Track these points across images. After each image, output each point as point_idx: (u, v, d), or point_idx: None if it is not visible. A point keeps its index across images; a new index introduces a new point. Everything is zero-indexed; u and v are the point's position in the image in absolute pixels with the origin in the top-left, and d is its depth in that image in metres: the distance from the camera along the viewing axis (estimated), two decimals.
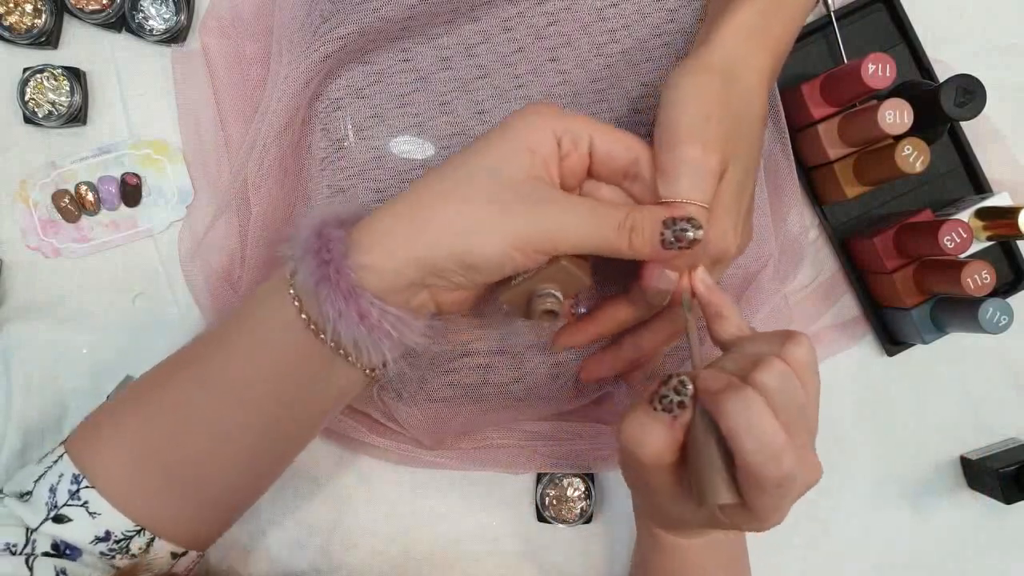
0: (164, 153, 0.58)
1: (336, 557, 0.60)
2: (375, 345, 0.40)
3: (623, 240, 0.39)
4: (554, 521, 0.60)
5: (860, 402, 0.63)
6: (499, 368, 0.54)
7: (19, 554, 0.42)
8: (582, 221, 0.39)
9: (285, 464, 0.49)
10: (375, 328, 0.40)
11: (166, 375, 0.45)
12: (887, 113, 0.51)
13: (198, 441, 0.43)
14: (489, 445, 0.58)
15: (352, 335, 0.40)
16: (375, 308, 0.39)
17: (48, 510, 0.43)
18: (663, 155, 0.41)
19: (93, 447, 0.44)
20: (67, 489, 0.43)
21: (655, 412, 0.37)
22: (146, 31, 0.57)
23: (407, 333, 0.41)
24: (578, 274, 0.41)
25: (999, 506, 0.61)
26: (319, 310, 0.40)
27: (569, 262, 0.41)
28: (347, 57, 0.52)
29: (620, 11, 0.53)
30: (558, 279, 0.41)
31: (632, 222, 0.39)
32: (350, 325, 0.39)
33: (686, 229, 0.39)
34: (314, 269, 0.39)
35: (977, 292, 0.53)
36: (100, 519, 0.43)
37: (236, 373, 0.43)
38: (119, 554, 0.44)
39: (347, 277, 0.39)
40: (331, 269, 0.39)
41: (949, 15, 0.63)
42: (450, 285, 0.41)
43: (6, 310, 0.58)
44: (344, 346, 0.41)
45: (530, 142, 0.40)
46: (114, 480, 0.43)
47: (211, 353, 0.44)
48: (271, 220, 0.54)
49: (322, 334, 0.40)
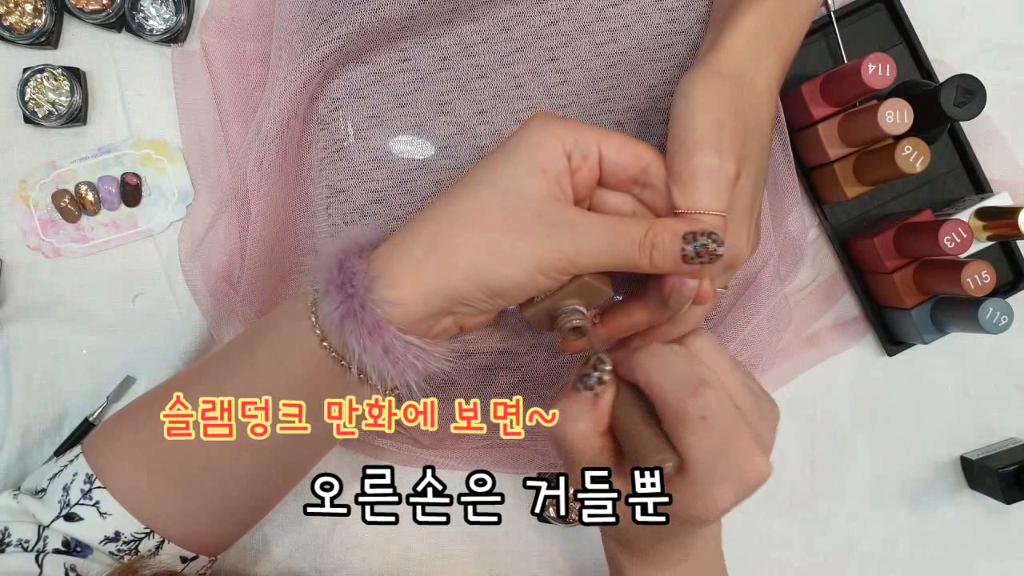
0: (164, 153, 0.58)
1: (336, 557, 0.60)
2: (399, 376, 0.40)
3: (644, 258, 0.39)
4: (554, 521, 0.60)
5: (860, 402, 0.63)
6: (501, 368, 0.54)
7: (31, 550, 0.42)
8: (602, 241, 0.39)
9: (300, 476, 0.49)
10: (399, 361, 0.39)
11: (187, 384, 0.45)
12: (887, 113, 0.51)
13: (215, 449, 0.43)
14: (489, 445, 0.58)
15: (376, 368, 0.39)
16: (399, 342, 0.39)
17: (60, 508, 0.43)
18: (678, 163, 0.40)
19: (110, 449, 0.45)
20: (80, 488, 0.44)
21: (579, 393, 0.39)
22: (146, 31, 0.57)
23: (431, 362, 0.41)
24: (600, 287, 0.41)
25: (999, 506, 0.61)
26: (343, 343, 0.39)
27: (591, 277, 0.41)
28: (346, 57, 0.52)
29: (620, 11, 0.53)
30: (581, 294, 0.41)
31: (652, 238, 0.39)
32: (375, 358, 0.39)
33: (706, 244, 0.38)
34: (339, 304, 0.39)
35: (977, 292, 0.53)
36: (111, 519, 0.43)
37: (258, 390, 0.42)
38: (128, 555, 0.44)
39: (372, 312, 0.38)
40: (356, 304, 0.38)
41: (949, 15, 0.63)
42: (474, 312, 0.40)
43: (6, 310, 0.58)
44: (368, 376, 0.40)
45: (542, 161, 0.39)
46: (127, 482, 0.44)
47: (234, 367, 0.44)
48: (271, 220, 0.54)
49: (344, 361, 0.40)
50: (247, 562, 0.59)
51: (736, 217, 0.42)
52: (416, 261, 0.39)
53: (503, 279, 0.38)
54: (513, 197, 0.39)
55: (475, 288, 0.39)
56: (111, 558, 0.44)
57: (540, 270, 0.38)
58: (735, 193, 0.41)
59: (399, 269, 0.39)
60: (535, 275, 0.39)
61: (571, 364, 0.54)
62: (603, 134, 0.41)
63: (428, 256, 0.39)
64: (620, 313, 0.47)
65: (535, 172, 0.39)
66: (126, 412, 0.47)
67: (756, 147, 0.43)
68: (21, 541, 0.42)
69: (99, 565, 0.43)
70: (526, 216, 0.39)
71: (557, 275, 0.39)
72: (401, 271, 0.39)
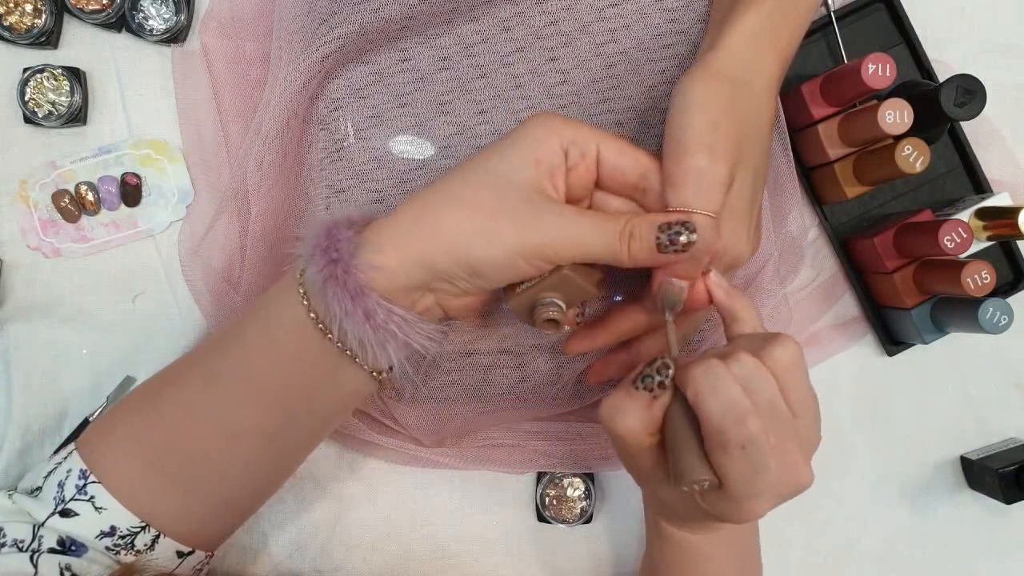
0: (164, 153, 0.58)
1: (336, 557, 0.60)
2: (380, 345, 0.41)
3: (623, 248, 0.40)
4: (554, 521, 0.60)
5: (860, 402, 0.63)
6: (501, 368, 0.54)
7: (25, 550, 0.42)
8: (584, 230, 0.40)
9: (293, 466, 0.49)
10: (380, 328, 0.40)
11: (178, 373, 0.46)
12: (887, 113, 0.51)
13: (208, 437, 0.44)
14: (489, 445, 0.58)
15: (358, 334, 0.40)
16: (381, 308, 0.40)
17: (56, 504, 0.44)
18: (670, 164, 0.41)
19: (104, 444, 0.45)
20: (75, 484, 0.44)
21: (636, 392, 0.38)
22: (146, 31, 0.57)
23: (412, 334, 0.41)
24: (581, 283, 0.41)
25: (999, 506, 0.61)
26: (326, 308, 0.40)
27: (572, 271, 0.41)
28: (346, 57, 0.52)
29: (620, 11, 0.53)
30: (561, 288, 0.41)
31: (631, 228, 0.40)
32: (356, 324, 0.40)
33: (680, 232, 0.39)
34: (322, 267, 0.39)
35: (977, 292, 0.53)
36: (106, 514, 0.43)
37: (248, 370, 0.43)
38: (124, 550, 0.44)
39: (355, 277, 0.39)
40: (339, 268, 0.39)
41: (949, 15, 0.63)
42: (455, 290, 0.41)
43: (6, 310, 0.58)
44: (350, 346, 0.41)
45: (537, 153, 0.40)
46: (121, 476, 0.44)
47: (224, 350, 0.44)
48: (271, 220, 0.54)
49: (329, 334, 0.41)
50: (246, 562, 0.59)
51: (735, 217, 0.42)
52: (402, 233, 0.40)
53: (483, 258, 0.39)
54: (503, 182, 0.40)
55: (455, 264, 0.39)
56: (107, 554, 0.44)
57: (520, 254, 0.39)
58: (732, 194, 0.42)
59: (384, 239, 0.40)
60: (515, 259, 0.39)
61: (572, 364, 0.54)
62: (603, 136, 0.41)
63: (413, 228, 0.40)
64: (619, 316, 0.47)
65: (529, 162, 0.40)
66: (118, 407, 0.47)
67: (753, 148, 0.43)
68: (16, 541, 0.42)
69: (98, 566, 0.43)
70: (513, 201, 0.39)
71: (537, 262, 0.40)
72: (387, 241, 0.40)
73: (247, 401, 0.43)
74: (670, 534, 0.47)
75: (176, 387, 0.45)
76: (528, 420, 0.58)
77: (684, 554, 0.47)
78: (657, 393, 0.38)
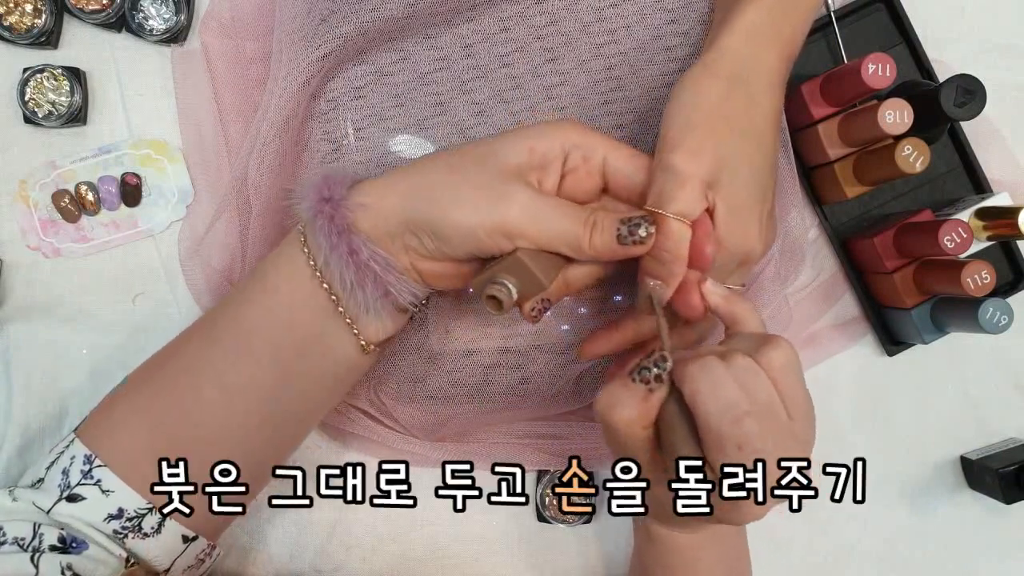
0: (164, 153, 0.58)
1: (336, 557, 0.60)
2: (360, 285, 0.42)
3: (586, 235, 0.41)
4: (554, 521, 0.60)
5: (860, 402, 0.63)
6: (502, 368, 0.54)
7: (26, 548, 0.42)
8: (548, 213, 0.41)
9: (290, 442, 0.49)
10: (363, 266, 0.42)
11: (180, 340, 0.47)
12: (887, 113, 0.51)
13: (207, 395, 0.45)
14: (488, 442, 0.58)
15: (340, 270, 0.42)
16: (366, 248, 0.42)
17: (61, 491, 0.44)
18: (652, 164, 0.42)
19: (106, 426, 0.45)
20: (80, 470, 0.44)
21: (632, 384, 0.39)
22: (146, 31, 0.57)
23: (393, 281, 0.43)
24: (536, 275, 0.41)
25: (999, 506, 0.61)
26: (316, 244, 0.43)
27: (528, 258, 0.41)
28: (346, 56, 0.52)
29: (620, 12, 0.53)
30: (514, 272, 0.42)
31: (595, 218, 0.41)
32: (340, 258, 0.42)
33: (639, 224, 0.41)
34: (313, 204, 0.43)
35: (977, 292, 0.53)
36: (113, 496, 0.44)
37: (246, 322, 0.45)
38: (132, 532, 0.44)
39: (343, 215, 0.42)
40: (329, 206, 0.42)
41: (949, 15, 0.63)
42: (423, 250, 0.42)
43: (6, 310, 0.58)
44: (336, 291, 0.43)
45: (532, 142, 0.42)
46: (126, 457, 0.44)
47: (224, 305, 0.47)
48: (271, 220, 0.54)
49: (324, 283, 0.43)
50: (246, 563, 0.59)
51: (736, 214, 0.42)
52: (390, 183, 0.43)
53: (449, 222, 0.41)
54: (492, 160, 0.42)
55: (425, 220, 0.41)
56: (113, 540, 0.44)
57: (481, 226, 0.41)
58: (724, 191, 0.42)
59: (374, 186, 0.43)
60: (476, 230, 0.41)
61: (572, 364, 0.54)
62: (614, 145, 0.43)
63: (399, 180, 0.43)
64: (630, 319, 0.48)
65: (523, 148, 0.42)
66: (115, 394, 0.47)
67: (748, 145, 0.43)
68: (16, 539, 0.42)
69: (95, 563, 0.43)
70: (493, 175, 0.42)
71: (497, 237, 0.41)
72: (375, 187, 0.43)
73: (244, 355, 0.45)
74: (658, 533, 0.47)
75: (177, 354, 0.46)
76: (528, 420, 0.58)
77: (673, 553, 0.47)
78: (653, 386, 0.38)
